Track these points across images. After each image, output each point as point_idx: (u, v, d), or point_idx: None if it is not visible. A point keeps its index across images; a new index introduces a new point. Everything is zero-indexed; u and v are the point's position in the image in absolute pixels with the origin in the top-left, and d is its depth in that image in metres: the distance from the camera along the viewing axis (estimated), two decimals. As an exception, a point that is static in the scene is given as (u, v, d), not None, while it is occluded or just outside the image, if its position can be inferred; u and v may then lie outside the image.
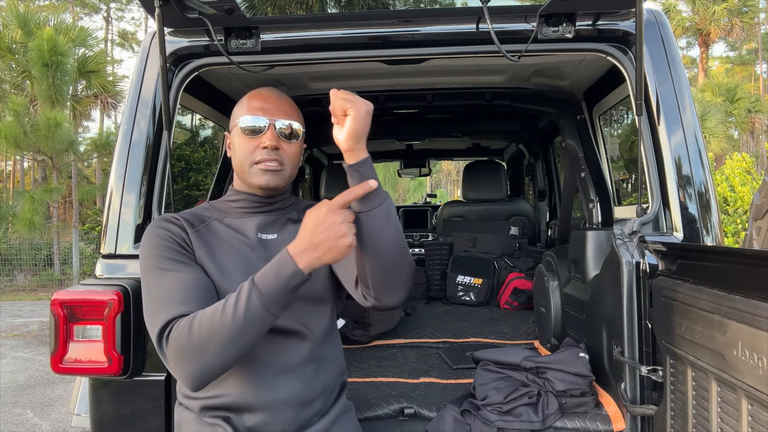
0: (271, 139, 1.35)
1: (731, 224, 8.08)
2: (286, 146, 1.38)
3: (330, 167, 4.66)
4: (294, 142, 1.40)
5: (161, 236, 1.30)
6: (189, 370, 1.15)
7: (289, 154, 1.39)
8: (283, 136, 1.38)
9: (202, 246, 1.33)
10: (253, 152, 1.36)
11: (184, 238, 1.32)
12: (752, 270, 1.15)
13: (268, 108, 1.38)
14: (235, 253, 1.34)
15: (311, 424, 1.33)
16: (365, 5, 8.17)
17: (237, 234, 1.39)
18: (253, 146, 1.36)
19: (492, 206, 4.13)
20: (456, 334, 2.79)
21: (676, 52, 1.90)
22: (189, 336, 1.13)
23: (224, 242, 1.36)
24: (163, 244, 1.29)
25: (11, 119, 10.06)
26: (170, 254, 1.28)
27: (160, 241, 1.29)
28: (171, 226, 1.33)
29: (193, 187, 12.11)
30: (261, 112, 1.37)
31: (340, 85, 2.68)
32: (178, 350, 1.15)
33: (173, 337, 1.15)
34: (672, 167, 1.81)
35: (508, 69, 2.46)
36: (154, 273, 1.26)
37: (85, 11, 30.86)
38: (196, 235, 1.34)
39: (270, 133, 1.36)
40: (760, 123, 21.26)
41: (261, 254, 1.35)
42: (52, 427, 4.28)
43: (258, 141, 1.36)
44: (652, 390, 1.60)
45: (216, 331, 1.12)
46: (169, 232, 1.32)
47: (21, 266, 13.52)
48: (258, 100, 1.40)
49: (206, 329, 1.12)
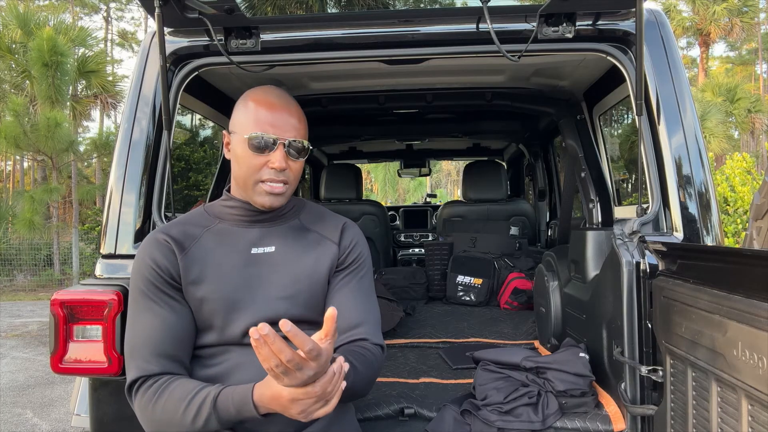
0: (281, 160, 1.29)
1: (731, 224, 8.08)
2: (293, 164, 1.33)
3: (330, 167, 4.67)
4: (301, 159, 1.35)
5: (147, 271, 1.30)
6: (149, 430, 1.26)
7: (295, 172, 1.35)
8: (292, 155, 1.32)
9: (194, 268, 1.31)
10: (259, 170, 1.30)
11: (170, 271, 1.30)
12: (752, 270, 1.15)
13: (277, 123, 1.31)
14: (228, 269, 1.32)
15: (309, 424, 1.32)
16: (365, 5, 8.18)
17: (230, 248, 1.35)
18: (260, 163, 1.30)
19: (492, 206, 4.13)
20: (456, 334, 2.79)
21: (676, 52, 1.90)
22: (152, 414, 1.21)
23: (215, 261, 1.33)
24: (147, 279, 1.30)
25: (11, 119, 10.06)
26: (152, 292, 1.29)
27: (145, 275, 1.30)
28: (159, 256, 1.30)
29: (193, 187, 12.10)
30: (271, 129, 1.30)
31: (340, 85, 2.72)
32: (140, 416, 1.25)
33: (137, 404, 1.24)
34: (672, 167, 1.80)
35: (508, 69, 2.46)
36: (135, 308, 1.31)
37: (84, 11, 30.84)
38: (185, 260, 1.31)
39: (279, 153, 1.29)
40: (760, 123, 21.25)
41: (253, 271, 1.33)
42: (52, 427, 4.28)
43: (265, 159, 1.30)
44: (652, 390, 1.60)
45: (174, 426, 1.19)
46: (156, 265, 1.29)
47: (21, 266, 13.51)
48: (266, 110, 1.32)
49: (167, 419, 1.20)
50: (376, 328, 1.42)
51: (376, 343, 1.38)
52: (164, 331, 1.27)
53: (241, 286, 1.32)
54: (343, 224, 1.48)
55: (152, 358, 1.25)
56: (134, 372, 1.25)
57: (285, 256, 1.37)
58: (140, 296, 1.30)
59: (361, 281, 1.44)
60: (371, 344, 1.37)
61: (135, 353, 1.27)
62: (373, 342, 1.38)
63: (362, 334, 1.37)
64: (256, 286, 1.33)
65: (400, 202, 26.92)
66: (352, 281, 1.43)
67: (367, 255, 1.49)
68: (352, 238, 1.46)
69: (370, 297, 1.45)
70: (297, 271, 1.36)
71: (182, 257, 1.32)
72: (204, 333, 1.32)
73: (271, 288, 1.33)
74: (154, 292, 1.29)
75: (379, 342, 1.40)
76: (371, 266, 1.51)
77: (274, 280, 1.34)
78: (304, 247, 1.40)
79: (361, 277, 1.45)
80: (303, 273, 1.37)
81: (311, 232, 1.43)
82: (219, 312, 1.30)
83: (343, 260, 1.44)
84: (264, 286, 1.33)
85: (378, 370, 1.37)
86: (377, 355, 1.36)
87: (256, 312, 1.30)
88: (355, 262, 1.45)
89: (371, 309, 1.44)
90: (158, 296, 1.29)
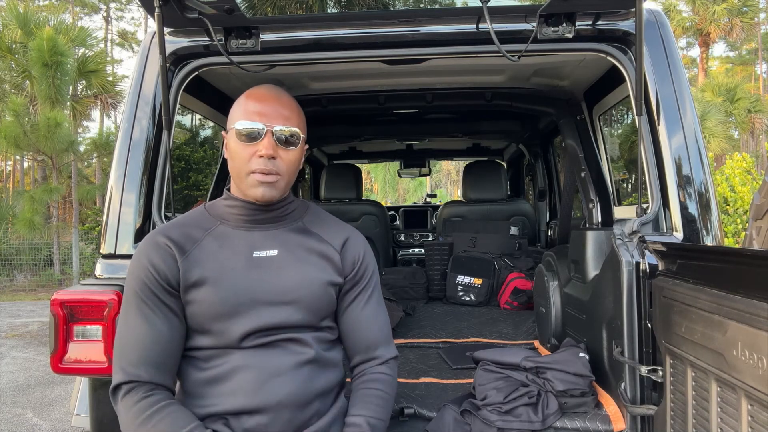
0: (268, 147, 1.29)
1: (731, 224, 8.07)
2: (283, 154, 1.32)
3: (330, 167, 4.67)
4: (292, 149, 1.33)
5: (144, 274, 1.29)
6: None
7: (287, 162, 1.33)
8: (281, 142, 1.31)
9: (193, 270, 1.30)
10: (249, 160, 1.30)
11: (168, 278, 1.29)
12: (752, 270, 1.15)
13: (265, 112, 1.31)
14: (228, 274, 1.31)
15: (310, 424, 1.32)
16: (365, 5, 8.18)
17: (231, 252, 1.34)
18: (249, 153, 1.30)
19: (492, 206, 4.13)
20: (456, 334, 2.79)
21: (676, 52, 1.90)
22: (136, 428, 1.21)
23: (216, 264, 1.32)
24: (143, 282, 1.29)
25: (11, 119, 10.05)
26: (146, 296, 1.28)
27: (141, 278, 1.29)
28: (158, 261, 1.29)
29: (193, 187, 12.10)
30: (258, 117, 1.30)
31: (340, 85, 2.72)
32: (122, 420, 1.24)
33: (122, 408, 1.24)
34: (672, 167, 1.81)
35: (508, 69, 2.46)
36: (129, 311, 1.30)
37: (84, 11, 30.82)
38: (186, 263, 1.30)
39: (267, 140, 1.29)
40: (760, 123, 21.25)
41: (255, 275, 1.32)
42: (52, 427, 4.28)
43: (254, 148, 1.30)
44: (652, 390, 1.60)
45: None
46: (154, 268, 1.28)
47: (21, 266, 13.50)
48: (255, 102, 1.33)
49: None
50: (388, 341, 1.47)
51: (390, 357, 1.45)
52: (155, 339, 1.26)
53: (243, 290, 1.30)
54: (348, 234, 1.46)
55: (140, 364, 1.25)
56: (121, 375, 1.25)
57: (287, 260, 1.35)
58: (134, 299, 1.29)
59: (371, 297, 1.46)
60: (384, 366, 1.43)
61: (123, 356, 1.26)
62: (387, 358, 1.44)
63: (376, 354, 1.43)
64: (257, 290, 1.31)
65: (400, 202, 26.92)
66: (363, 299, 1.44)
67: (374, 267, 1.50)
68: (358, 251, 1.45)
69: (381, 311, 1.48)
70: (299, 276, 1.35)
71: (183, 260, 1.30)
72: (203, 335, 1.31)
73: (273, 292, 1.32)
74: (149, 297, 1.28)
75: (393, 355, 1.46)
76: (378, 278, 1.51)
77: (276, 284, 1.33)
78: (307, 251, 1.39)
79: (371, 291, 1.47)
80: (306, 277, 1.35)
81: (315, 235, 1.42)
82: (219, 315, 1.29)
83: (352, 277, 1.43)
84: (266, 290, 1.32)
85: (395, 387, 1.43)
86: (391, 374, 1.43)
87: (257, 316, 1.29)
88: (365, 277, 1.45)
89: (383, 325, 1.48)
90: (152, 302, 1.28)
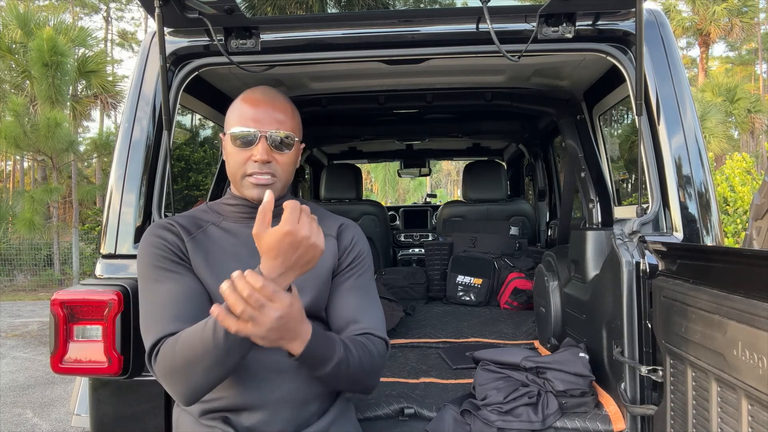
0: (262, 152, 1.30)
1: (731, 224, 8.08)
2: (278, 157, 1.34)
3: (330, 167, 4.67)
4: (287, 151, 1.35)
5: (156, 245, 1.31)
6: (178, 389, 1.20)
7: (282, 165, 1.35)
8: (275, 146, 1.33)
9: (199, 253, 1.33)
10: (244, 164, 1.33)
11: (179, 246, 1.32)
12: (752, 270, 1.15)
13: (259, 117, 1.33)
14: (232, 259, 1.33)
15: (310, 423, 1.32)
16: (365, 5, 8.18)
17: (234, 240, 1.37)
18: (245, 158, 1.33)
19: (492, 206, 4.13)
20: (456, 334, 2.79)
21: (676, 52, 1.90)
22: (173, 359, 1.17)
23: (221, 249, 1.35)
24: (157, 254, 1.30)
25: (11, 119, 10.06)
26: (164, 264, 1.29)
27: (154, 251, 1.30)
28: (166, 233, 1.33)
29: (193, 187, 12.12)
30: (252, 122, 1.32)
31: (341, 85, 2.72)
32: (165, 372, 1.19)
33: (160, 358, 1.20)
34: (672, 167, 1.81)
35: (508, 69, 2.46)
36: (149, 284, 1.29)
37: (84, 11, 30.84)
38: (192, 243, 1.34)
39: (261, 146, 1.31)
40: (760, 123, 21.26)
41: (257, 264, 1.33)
42: (52, 427, 4.28)
43: (249, 153, 1.32)
44: (652, 390, 1.60)
45: (199, 355, 1.14)
46: (164, 240, 1.32)
47: (21, 266, 13.51)
48: (250, 106, 1.35)
49: (190, 352, 1.15)
50: (378, 323, 1.41)
51: (379, 336, 1.38)
52: (181, 294, 1.26)
53: None
54: (343, 222, 1.50)
55: (170, 322, 1.23)
56: (150, 341, 1.22)
57: None
58: (152, 271, 1.29)
59: (360, 278, 1.44)
60: (374, 337, 1.37)
61: (151, 324, 1.25)
62: (376, 335, 1.37)
63: (364, 329, 1.37)
64: None
65: (400, 202, 26.92)
66: (351, 279, 1.43)
67: (368, 253, 1.49)
68: (352, 236, 1.48)
69: (370, 293, 1.45)
70: None
71: (189, 240, 1.34)
72: None
73: None
74: (165, 263, 1.29)
75: (382, 336, 1.40)
76: (372, 265, 1.51)
77: None
78: None
79: (361, 274, 1.45)
80: None
81: None
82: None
83: (344, 259, 1.44)
84: None
85: (380, 361, 1.35)
86: (379, 347, 1.35)
87: None
88: (356, 259, 1.45)
89: (372, 305, 1.43)
90: (170, 266, 1.29)
